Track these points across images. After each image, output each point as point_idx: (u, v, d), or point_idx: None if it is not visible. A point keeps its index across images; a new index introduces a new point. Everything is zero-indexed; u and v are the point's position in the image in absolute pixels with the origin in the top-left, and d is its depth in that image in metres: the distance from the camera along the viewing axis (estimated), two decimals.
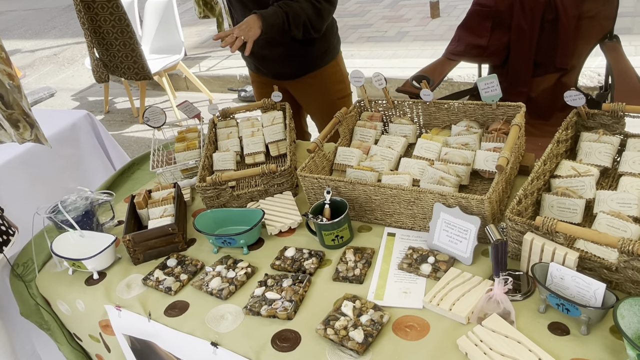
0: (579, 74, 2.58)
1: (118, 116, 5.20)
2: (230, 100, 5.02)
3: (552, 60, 2.56)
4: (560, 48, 2.54)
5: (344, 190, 1.49)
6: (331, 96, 2.30)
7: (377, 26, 5.39)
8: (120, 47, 2.52)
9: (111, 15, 2.40)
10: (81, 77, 6.41)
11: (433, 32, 4.92)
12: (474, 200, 1.26)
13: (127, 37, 2.50)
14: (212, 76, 5.29)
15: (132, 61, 2.57)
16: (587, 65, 3.92)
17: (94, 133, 2.83)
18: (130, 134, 4.76)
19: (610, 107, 1.47)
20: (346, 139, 1.79)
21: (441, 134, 1.69)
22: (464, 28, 2.69)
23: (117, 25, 2.43)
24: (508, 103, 1.59)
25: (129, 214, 1.63)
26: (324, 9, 2.00)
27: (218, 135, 2.01)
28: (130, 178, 2.08)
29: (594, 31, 2.50)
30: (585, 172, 1.37)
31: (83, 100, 5.79)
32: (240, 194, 1.69)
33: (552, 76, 2.60)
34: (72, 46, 7.71)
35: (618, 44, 2.47)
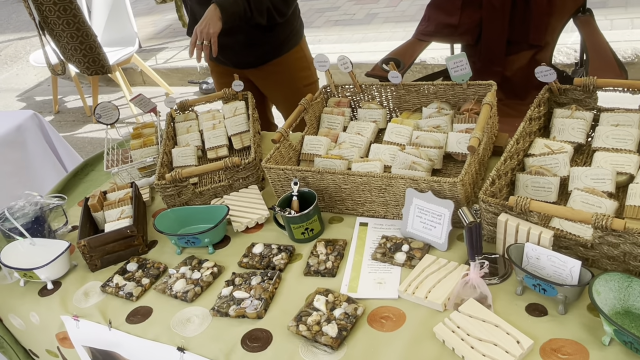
0: (553, 50, 2.64)
1: (69, 116, 5.11)
2: (192, 93, 4.99)
3: (526, 37, 2.62)
4: (533, 24, 2.60)
5: (312, 181, 1.50)
6: (297, 84, 2.31)
7: (344, 9, 5.42)
8: (68, 40, 2.47)
9: (55, 5, 2.34)
10: (26, 76, 6.26)
11: (404, 13, 4.97)
12: (447, 184, 1.29)
13: (74, 29, 2.45)
14: (171, 68, 5.24)
15: (81, 54, 2.52)
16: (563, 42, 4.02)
17: (42, 135, 2.78)
18: (83, 134, 4.69)
19: (581, 82, 1.52)
20: (313, 127, 1.81)
21: (412, 117, 1.72)
22: (434, 7, 2.74)
23: (63, 16, 2.38)
24: (479, 82, 1.63)
25: (83, 217, 1.62)
26: None
27: (177, 130, 2.01)
28: (83, 180, 2.06)
29: (567, 5, 2.57)
30: (559, 150, 1.42)
31: (30, 101, 5.67)
32: (203, 191, 1.70)
33: (527, 53, 2.66)
34: (14, 42, 7.52)
35: (591, 17, 2.54)
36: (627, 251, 1.12)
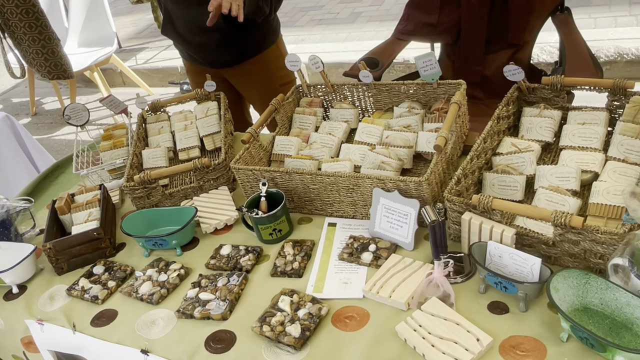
0: (532, 49, 2.68)
1: (47, 118, 5.10)
2: (172, 94, 5.00)
3: (505, 36, 2.66)
4: (512, 23, 2.64)
5: (280, 181, 1.53)
6: (273, 83, 2.33)
7: (328, 7, 5.46)
8: (30, 43, 2.46)
9: (17, 7, 2.33)
10: (3, 77, 6.22)
11: (388, 12, 5.02)
12: (412, 183, 1.32)
13: (36, 33, 2.44)
14: (151, 69, 5.25)
15: (42, 58, 2.52)
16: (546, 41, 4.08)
17: (14, 137, 2.78)
18: (61, 136, 4.68)
19: (549, 81, 1.56)
20: (285, 128, 1.83)
21: (384, 117, 1.75)
22: (413, 6, 2.77)
23: (25, 19, 2.37)
24: (449, 81, 1.66)
25: (50, 220, 1.63)
26: None
27: (148, 131, 2.02)
28: (53, 183, 2.07)
29: (545, 4, 2.61)
30: (526, 148, 1.45)
31: (6, 103, 5.65)
32: (173, 192, 1.71)
33: (506, 52, 2.70)
34: None
35: (569, 16, 2.58)
36: (587, 248, 1.15)
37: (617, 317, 1.08)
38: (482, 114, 2.58)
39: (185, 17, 2.10)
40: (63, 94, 5.10)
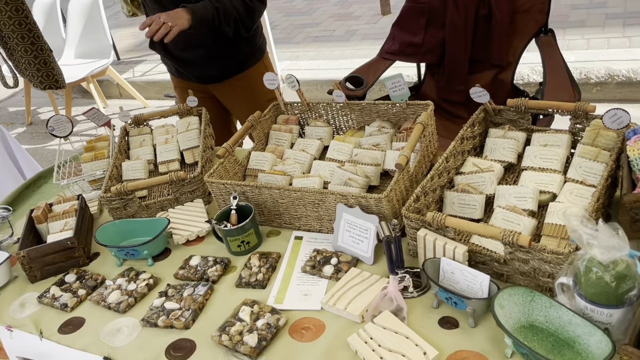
0: (515, 69, 2.76)
1: (42, 128, 5.19)
2: (168, 107, 5.06)
3: (488, 57, 2.74)
4: (496, 44, 2.71)
5: (251, 195, 1.59)
6: (259, 99, 2.38)
7: (325, 25, 5.56)
8: (22, 53, 2.54)
9: (10, 19, 2.41)
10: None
11: (383, 30, 5.10)
12: (373, 199, 1.38)
13: (29, 43, 2.52)
14: (148, 82, 5.34)
15: (35, 69, 2.59)
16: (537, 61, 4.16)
17: (4, 146, 2.85)
18: (55, 146, 4.75)
19: (514, 103, 1.62)
20: (261, 144, 1.90)
21: (356, 135, 1.82)
22: (398, 26, 2.86)
23: (17, 30, 2.45)
24: (417, 102, 1.73)
25: (26, 229, 1.69)
26: (256, 7, 2.08)
27: (130, 144, 2.09)
28: (36, 192, 2.14)
29: (529, 26, 2.69)
30: (487, 168, 1.51)
31: (2, 112, 5.74)
32: (150, 204, 1.77)
33: (489, 73, 2.77)
34: None
35: (552, 38, 2.66)
36: (536, 267, 1.20)
37: (560, 335, 1.13)
38: None
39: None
40: (59, 104, 5.20)
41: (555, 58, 2.56)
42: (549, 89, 2.37)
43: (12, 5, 2.38)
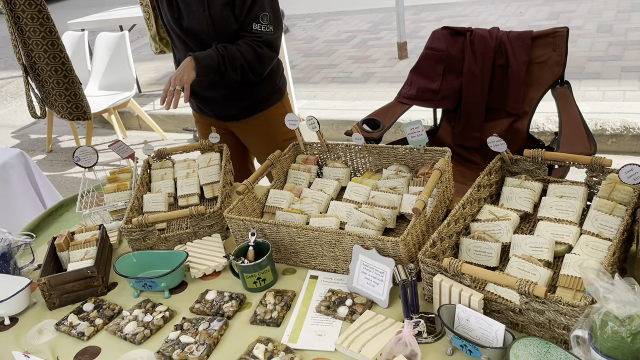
0: (531, 119, 2.80)
1: (61, 155, 5.30)
2: (185, 140, 5.17)
3: (504, 105, 2.79)
4: (512, 93, 2.76)
5: (269, 233, 1.62)
6: (276, 138, 2.44)
7: (343, 66, 5.68)
8: (54, 85, 2.65)
9: (45, 52, 2.54)
10: (24, 113, 6.50)
11: (400, 74, 5.21)
12: (389, 242, 1.40)
13: (61, 76, 2.63)
14: (167, 115, 5.45)
15: (65, 100, 2.70)
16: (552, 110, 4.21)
17: (26, 173, 2.93)
18: (73, 174, 4.85)
19: (530, 153, 1.65)
20: (280, 182, 1.94)
21: (373, 177, 1.85)
22: (416, 72, 2.93)
23: (52, 63, 2.57)
24: (435, 148, 1.76)
25: (48, 256, 1.73)
26: (265, 54, 2.13)
27: (152, 177, 2.14)
28: (57, 220, 2.18)
29: (545, 77, 2.74)
30: (503, 217, 1.53)
31: (24, 138, 5.87)
32: (168, 237, 1.81)
33: (505, 121, 2.82)
34: (17, 79, 7.84)
35: (568, 90, 2.70)
36: (551, 318, 1.21)
37: None
38: None
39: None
40: (79, 133, 5.31)
41: (571, 110, 2.59)
42: (564, 140, 2.39)
43: (48, 39, 2.50)
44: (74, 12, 10.25)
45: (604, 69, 4.70)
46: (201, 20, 2.08)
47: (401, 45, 5.44)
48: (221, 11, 2.06)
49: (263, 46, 2.11)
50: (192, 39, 2.15)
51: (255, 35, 2.08)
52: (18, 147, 5.65)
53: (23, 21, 2.53)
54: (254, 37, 2.08)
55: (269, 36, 2.10)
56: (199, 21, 2.08)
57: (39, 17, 2.54)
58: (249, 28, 2.08)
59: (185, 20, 2.12)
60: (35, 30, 2.53)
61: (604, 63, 4.81)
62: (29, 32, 2.51)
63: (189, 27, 2.12)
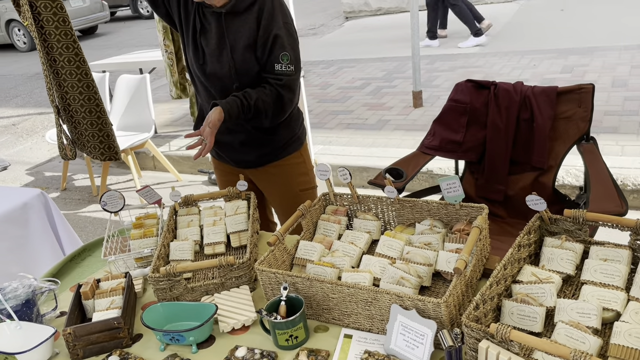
0: (556, 173, 2.77)
1: (75, 194, 5.29)
2: (200, 182, 5.17)
3: (529, 159, 2.76)
4: (537, 147, 2.75)
5: (301, 287, 1.57)
6: (294, 188, 2.41)
7: (358, 113, 5.71)
8: (87, 126, 2.68)
9: (80, 94, 2.57)
10: (39, 150, 6.54)
11: (415, 122, 5.23)
12: (431, 304, 1.35)
13: (95, 117, 2.67)
14: (182, 156, 5.47)
15: (98, 141, 2.72)
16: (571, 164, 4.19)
17: (45, 213, 2.91)
18: (86, 213, 4.82)
19: (571, 214, 1.62)
20: (309, 232, 1.90)
21: (405, 231, 1.81)
22: (440, 123, 2.92)
23: (86, 105, 2.60)
24: (472, 204, 1.73)
25: (73, 305, 1.68)
26: (286, 98, 2.12)
27: (178, 223, 2.11)
28: (79, 265, 2.14)
29: (570, 132, 2.73)
30: (546, 279, 1.48)
31: (39, 175, 5.88)
32: (195, 287, 1.76)
33: (529, 175, 2.79)
34: (33, 117, 7.93)
35: (595, 146, 2.68)
36: None
37: None
38: (504, 233, 2.64)
39: None
40: (95, 172, 5.32)
41: (598, 166, 2.56)
42: (594, 198, 2.35)
43: (84, 82, 2.54)
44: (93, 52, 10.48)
45: (621, 124, 4.70)
46: (224, 64, 2.10)
47: (416, 93, 5.49)
48: (243, 54, 2.07)
49: (284, 90, 2.10)
50: (213, 82, 2.16)
51: (276, 77, 2.08)
52: (32, 184, 5.67)
53: (59, 64, 2.57)
54: (276, 80, 2.08)
55: (290, 78, 2.10)
56: (221, 65, 2.10)
57: (75, 60, 2.59)
58: (270, 69, 2.08)
59: (208, 65, 2.13)
60: (72, 72, 2.57)
61: (621, 118, 4.82)
62: (65, 74, 2.55)
63: (212, 71, 2.13)
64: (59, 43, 2.65)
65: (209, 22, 2.10)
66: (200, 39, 2.12)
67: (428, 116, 5.28)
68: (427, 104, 5.60)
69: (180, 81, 3.83)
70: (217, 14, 2.07)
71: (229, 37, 2.07)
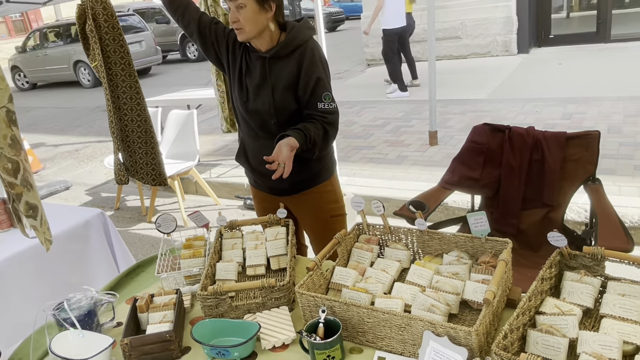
0: (565, 210, 2.69)
1: (127, 213, 5.32)
2: (236, 206, 5.15)
3: (540, 197, 2.70)
4: (547, 186, 2.68)
5: (338, 311, 1.52)
6: (324, 214, 2.36)
7: (379, 148, 5.68)
8: (142, 155, 2.70)
9: (138, 127, 2.62)
10: (97, 174, 6.63)
11: (431, 159, 5.17)
12: (462, 332, 1.29)
13: (150, 147, 2.70)
14: (221, 182, 5.48)
15: (151, 168, 2.74)
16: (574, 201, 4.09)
17: (104, 231, 2.91)
18: (136, 231, 4.83)
19: (590, 251, 1.55)
20: (344, 259, 1.85)
21: (433, 261, 1.75)
22: (459, 161, 2.87)
23: (143, 137, 2.64)
24: (496, 239, 1.67)
25: (130, 317, 1.65)
26: (331, 133, 2.10)
27: (223, 245, 2.08)
28: (134, 280, 2.12)
29: (578, 173, 2.66)
30: (569, 312, 1.41)
31: (96, 196, 5.94)
32: (239, 305, 1.72)
33: (540, 211, 2.71)
34: (93, 144, 8.06)
35: (600, 186, 2.61)
36: None
37: None
38: (517, 264, 2.55)
39: (255, 148, 2.23)
40: (144, 194, 5.35)
41: (604, 205, 2.49)
42: (602, 235, 2.27)
43: (142, 116, 2.58)
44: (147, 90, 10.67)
45: (617, 167, 4.59)
46: (265, 102, 2.09)
47: (432, 133, 5.45)
48: (283, 93, 2.07)
49: (329, 126, 2.07)
50: (254, 118, 2.15)
51: (322, 115, 2.06)
52: (90, 203, 5.72)
53: (122, 100, 2.62)
54: (322, 117, 2.05)
55: (333, 116, 2.08)
56: (262, 102, 2.10)
57: (136, 97, 2.64)
58: (313, 107, 2.06)
59: (251, 102, 2.13)
60: (132, 108, 2.62)
61: (617, 161, 4.71)
62: (126, 109, 2.61)
63: (254, 108, 2.13)
64: (124, 82, 2.69)
65: (254, 64, 2.11)
66: (245, 79, 2.13)
67: (443, 153, 5.22)
68: (442, 143, 5.55)
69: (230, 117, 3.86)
70: (262, 58, 2.08)
71: (270, 78, 2.07)
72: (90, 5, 2.47)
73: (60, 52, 14.08)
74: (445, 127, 6.02)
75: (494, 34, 9.81)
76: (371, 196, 4.51)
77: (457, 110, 6.76)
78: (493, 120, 6.20)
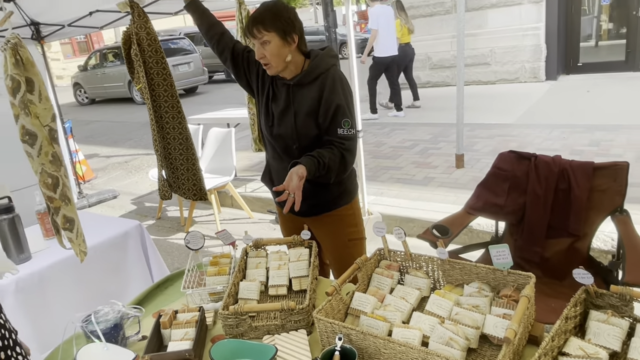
0: (591, 240, 2.52)
1: (167, 223, 5.36)
2: (268, 220, 5.12)
3: (565, 226, 2.54)
4: (573, 216, 2.52)
5: (355, 339, 1.43)
6: (343, 237, 2.27)
7: (406, 169, 5.56)
8: (184, 172, 2.71)
9: (180, 145, 2.64)
10: (143, 185, 6.74)
11: (457, 181, 5.01)
12: None
13: (191, 164, 2.71)
14: (255, 197, 5.46)
15: (192, 184, 2.76)
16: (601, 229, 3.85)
17: (140, 242, 2.90)
18: (174, 240, 4.85)
19: (618, 290, 1.41)
20: (364, 284, 1.76)
21: (454, 291, 1.64)
22: (484, 187, 2.74)
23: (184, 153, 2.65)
24: (519, 272, 1.55)
25: (153, 332, 1.60)
26: (348, 160, 2.03)
27: (248, 264, 2.02)
28: (163, 292, 2.08)
29: (605, 204, 2.50)
30: (594, 354, 1.27)
31: (140, 205, 6.02)
32: (259, 326, 1.65)
33: (566, 240, 2.55)
34: (141, 156, 8.23)
35: (628, 217, 2.44)
36: None
37: None
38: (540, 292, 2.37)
39: (279, 170, 2.17)
40: (184, 206, 5.39)
41: (632, 236, 2.32)
42: (629, 268, 2.11)
43: (184, 134, 2.60)
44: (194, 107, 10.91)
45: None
46: (288, 127, 2.05)
47: (459, 156, 5.29)
48: (304, 119, 2.02)
49: (346, 152, 2.00)
50: (278, 142, 2.11)
51: (340, 141, 1.99)
52: (134, 212, 5.80)
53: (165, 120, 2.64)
54: (340, 143, 1.99)
55: (350, 142, 2.01)
56: (285, 128, 2.06)
57: (178, 117, 2.65)
58: (333, 133, 2.00)
59: (275, 127, 2.09)
60: (174, 127, 2.65)
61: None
62: (169, 128, 2.64)
63: (278, 132, 2.09)
64: (166, 103, 2.70)
65: (280, 91, 2.08)
66: (272, 105, 2.10)
67: (469, 176, 5.05)
68: (468, 166, 5.38)
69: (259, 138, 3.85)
70: (287, 85, 2.05)
71: (294, 104, 2.04)
72: (135, 31, 2.49)
73: (117, 71, 14.56)
74: (472, 151, 5.84)
75: (523, 61, 9.55)
76: (397, 216, 4.39)
77: (484, 134, 6.57)
78: (520, 145, 5.99)
